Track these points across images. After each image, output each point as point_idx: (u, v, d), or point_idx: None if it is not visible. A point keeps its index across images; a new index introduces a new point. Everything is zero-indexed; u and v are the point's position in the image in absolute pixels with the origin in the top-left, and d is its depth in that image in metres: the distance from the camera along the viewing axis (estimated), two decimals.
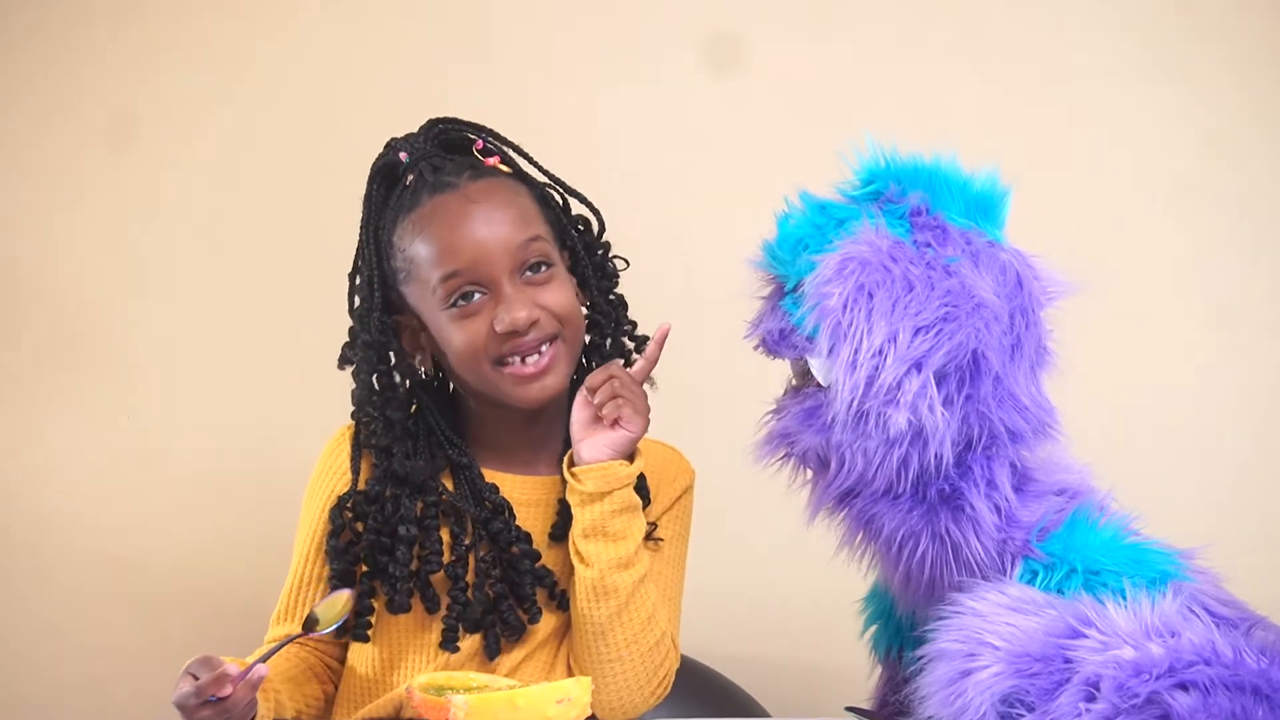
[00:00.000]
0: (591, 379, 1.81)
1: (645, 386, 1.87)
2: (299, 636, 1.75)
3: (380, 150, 1.89)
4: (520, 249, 1.81)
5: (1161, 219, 2.45)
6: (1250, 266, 2.45)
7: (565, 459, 1.81)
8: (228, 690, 1.58)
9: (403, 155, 1.86)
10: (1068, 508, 1.64)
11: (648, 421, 1.81)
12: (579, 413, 1.81)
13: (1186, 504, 2.36)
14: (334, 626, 1.70)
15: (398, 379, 1.87)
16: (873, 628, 1.82)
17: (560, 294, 1.83)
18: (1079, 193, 2.43)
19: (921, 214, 1.61)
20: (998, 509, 1.61)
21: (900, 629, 1.76)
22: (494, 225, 1.81)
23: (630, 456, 1.81)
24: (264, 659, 1.61)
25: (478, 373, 1.82)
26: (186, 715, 1.59)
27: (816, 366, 1.61)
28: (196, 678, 1.59)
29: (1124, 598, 1.54)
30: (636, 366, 1.84)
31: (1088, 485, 1.67)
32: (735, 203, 2.41)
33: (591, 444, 1.79)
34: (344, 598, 1.71)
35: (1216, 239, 2.45)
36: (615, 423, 1.79)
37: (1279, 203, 2.46)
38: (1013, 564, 1.62)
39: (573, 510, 1.80)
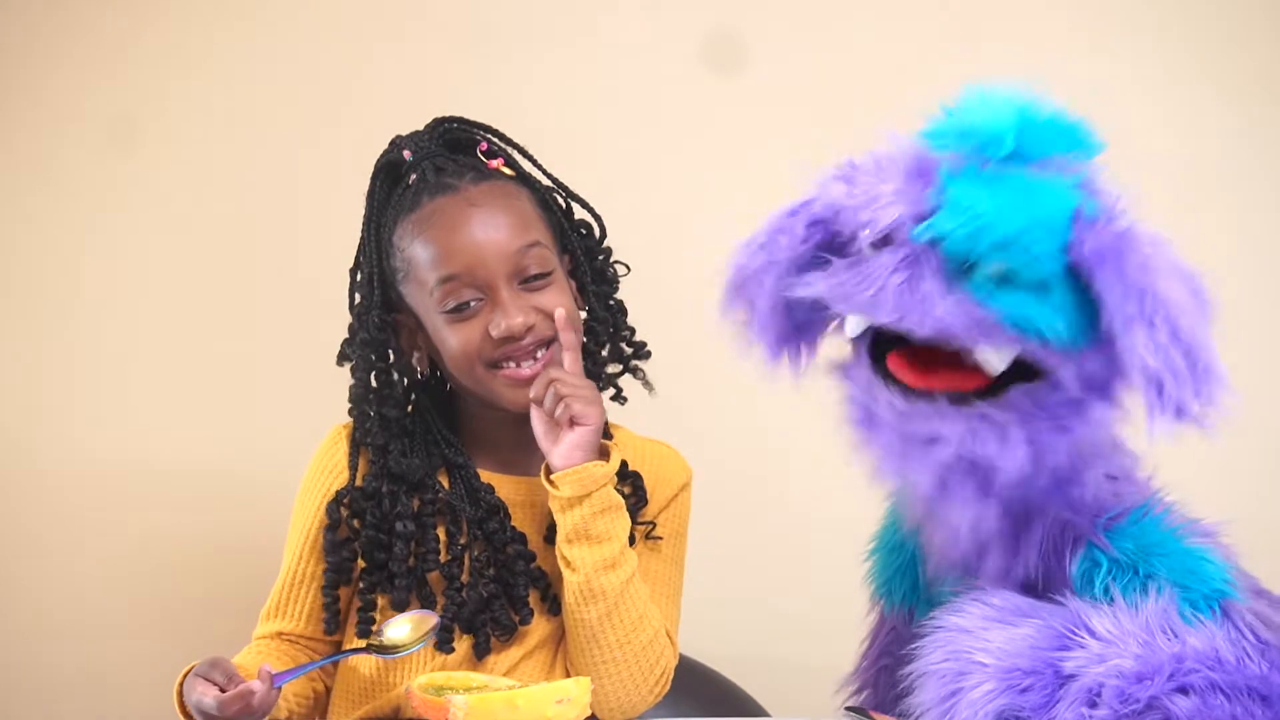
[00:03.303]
0: (534, 391, 1.78)
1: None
2: (359, 651, 1.75)
3: (383, 148, 1.88)
4: (518, 254, 1.81)
5: (1163, 219, 2.44)
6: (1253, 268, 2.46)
7: (543, 469, 1.80)
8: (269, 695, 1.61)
9: (406, 153, 1.86)
10: (1125, 494, 1.59)
11: (602, 409, 1.80)
12: (536, 425, 1.79)
13: (1190, 503, 2.35)
14: (415, 648, 1.72)
15: (395, 377, 1.87)
16: (884, 573, 1.77)
17: (558, 298, 1.82)
18: None
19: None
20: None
21: (918, 585, 1.74)
22: (492, 230, 1.80)
23: (605, 454, 1.80)
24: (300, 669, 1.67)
25: (472, 375, 1.82)
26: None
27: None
28: (210, 681, 1.61)
29: (1132, 602, 1.52)
30: (565, 359, 1.80)
31: (1133, 474, 1.62)
32: (736, 210, 2.42)
33: (559, 450, 1.78)
34: (429, 622, 1.70)
35: (1219, 240, 2.45)
36: (572, 422, 1.78)
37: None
38: (1074, 546, 1.57)
39: (555, 517, 1.80)
